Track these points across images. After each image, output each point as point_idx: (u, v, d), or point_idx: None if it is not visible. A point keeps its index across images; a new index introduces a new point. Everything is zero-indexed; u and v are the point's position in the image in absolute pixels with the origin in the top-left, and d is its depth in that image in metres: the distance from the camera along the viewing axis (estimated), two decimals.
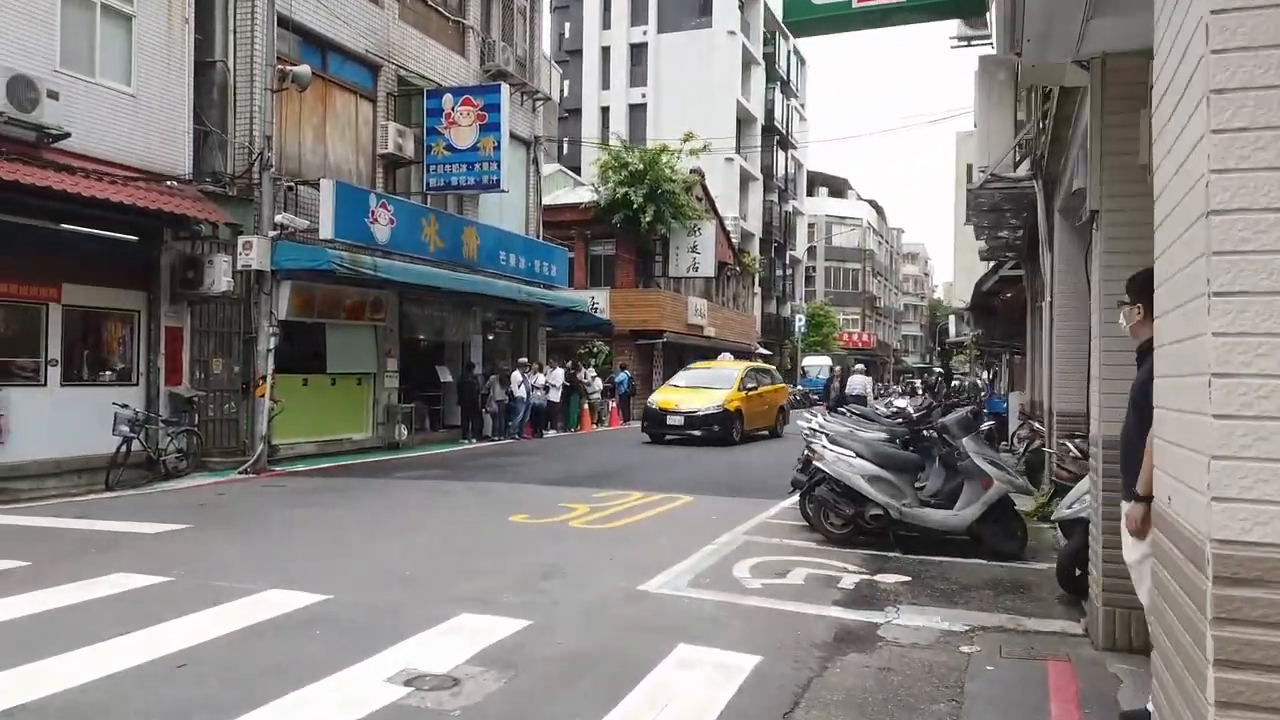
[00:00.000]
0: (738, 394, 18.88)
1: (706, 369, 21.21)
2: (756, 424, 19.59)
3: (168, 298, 13.06)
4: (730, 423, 18.23)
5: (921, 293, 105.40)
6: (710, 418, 18.02)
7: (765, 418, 20.23)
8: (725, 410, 18.18)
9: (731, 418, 18.27)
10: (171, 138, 13.03)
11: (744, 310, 43.66)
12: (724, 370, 20.39)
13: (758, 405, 19.66)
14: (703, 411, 18.09)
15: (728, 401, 18.39)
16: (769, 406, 20.52)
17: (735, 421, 18.38)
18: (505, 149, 17.00)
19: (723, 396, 18.51)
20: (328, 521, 8.70)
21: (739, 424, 18.51)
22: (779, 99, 53.98)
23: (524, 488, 11.45)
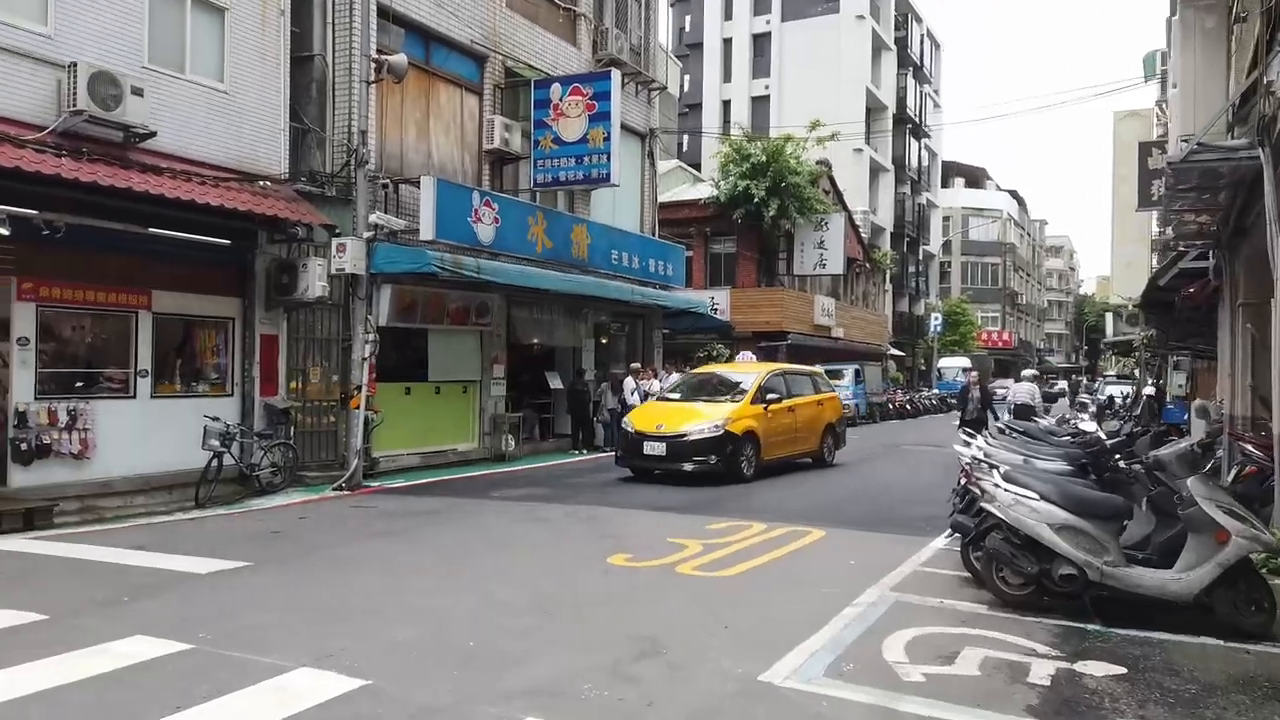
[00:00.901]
0: (750, 409, 13.52)
1: (716, 373, 16.11)
2: (786, 449, 14.39)
3: (263, 304, 12.44)
4: (736, 450, 12.96)
5: (1066, 288, 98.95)
6: (704, 444, 12.81)
7: (802, 440, 14.85)
8: (727, 434, 12.87)
9: (738, 443, 13.02)
10: (266, 136, 12.40)
11: (874, 309, 41.27)
12: (736, 376, 15.04)
13: (786, 424, 14.26)
14: (693, 435, 12.88)
15: (732, 420, 13.04)
16: (808, 425, 15.02)
17: (745, 448, 13.18)
18: (616, 140, 15.79)
19: (725, 413, 13.19)
20: (401, 561, 7.61)
21: (752, 451, 13.31)
22: (911, 85, 51.11)
23: (630, 515, 10.15)
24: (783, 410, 14.18)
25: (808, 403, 15.14)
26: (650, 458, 13.10)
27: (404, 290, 14.11)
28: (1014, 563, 6.22)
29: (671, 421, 13.31)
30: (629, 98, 20.46)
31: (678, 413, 13.63)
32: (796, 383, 15.33)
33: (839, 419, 16.23)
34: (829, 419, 15.79)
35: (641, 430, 13.32)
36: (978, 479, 6.67)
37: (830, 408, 15.90)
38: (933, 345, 45.59)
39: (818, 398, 15.59)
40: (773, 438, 13.80)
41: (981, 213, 66.05)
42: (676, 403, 14.24)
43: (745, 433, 13.21)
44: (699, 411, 13.49)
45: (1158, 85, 34.95)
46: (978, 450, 8.00)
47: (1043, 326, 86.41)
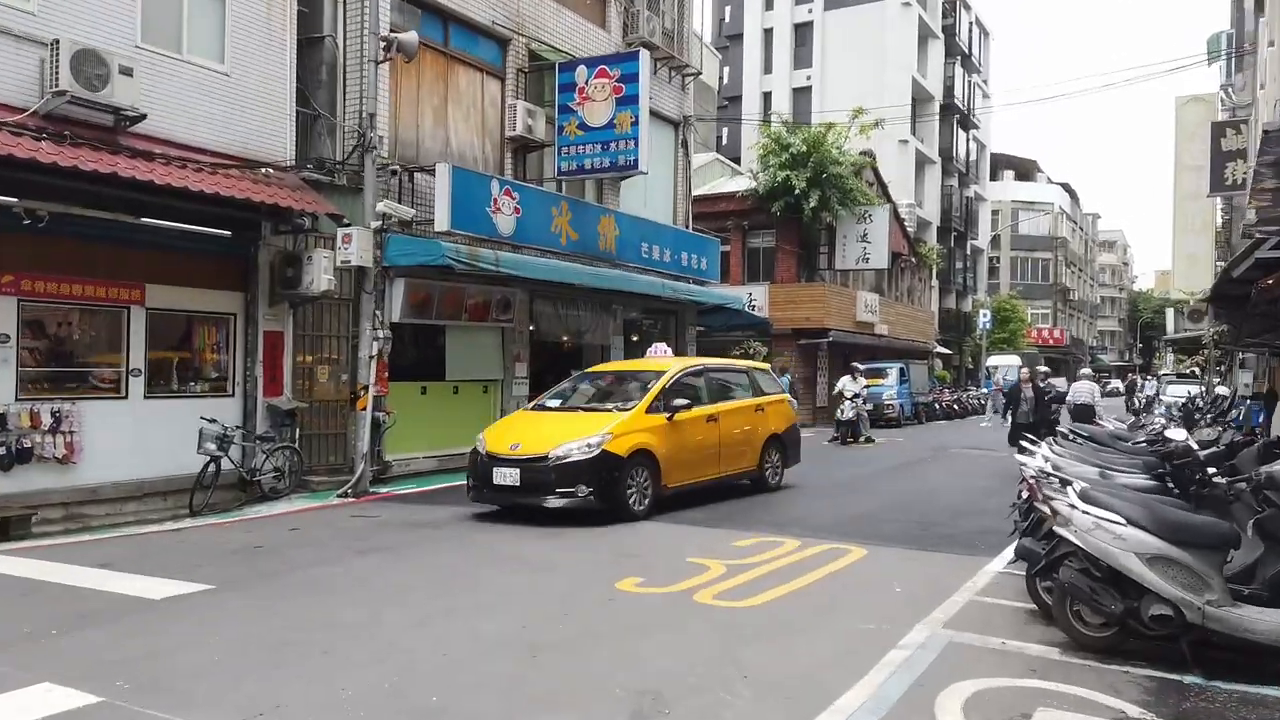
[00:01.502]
0: (644, 420, 10.03)
1: (614, 372, 12.45)
2: (705, 470, 10.88)
3: (266, 299, 11.74)
4: (618, 477, 9.47)
5: (1120, 284, 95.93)
6: (570, 470, 9.27)
7: (730, 458, 11.29)
8: (605, 455, 9.38)
9: (621, 467, 9.51)
10: (270, 121, 11.71)
11: (920, 305, 39.85)
12: (640, 375, 11.31)
13: (704, 438, 10.81)
14: (557, 458, 9.33)
15: (615, 435, 9.56)
16: (741, 438, 11.51)
17: (635, 473, 9.69)
18: (645, 125, 14.87)
19: (606, 426, 9.69)
20: (384, 585, 6.78)
21: (645, 477, 9.84)
22: (959, 75, 49.43)
23: (649, 529, 9.24)
24: (697, 420, 10.68)
25: (739, 409, 11.60)
26: (502, 490, 9.56)
27: (418, 284, 13.35)
28: (1094, 599, 5.20)
29: (532, 439, 9.75)
30: (661, 83, 19.54)
31: (546, 426, 10.13)
32: (724, 383, 11.92)
33: (789, 428, 12.61)
34: (773, 428, 12.16)
35: (493, 451, 9.73)
36: (1048, 497, 5.65)
37: (775, 414, 12.34)
38: (981, 343, 43.97)
39: (756, 402, 11.99)
40: (682, 456, 10.31)
41: (1032, 206, 63.94)
42: (553, 411, 10.73)
43: (635, 452, 9.66)
44: (573, 424, 9.95)
45: (1220, 70, 33.21)
46: (1043, 461, 6.97)
47: (1095, 323, 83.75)
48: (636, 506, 9.71)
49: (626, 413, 10.08)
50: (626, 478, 9.62)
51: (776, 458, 12.33)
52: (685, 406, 10.43)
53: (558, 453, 9.42)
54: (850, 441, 20.03)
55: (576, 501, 9.30)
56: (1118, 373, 70.16)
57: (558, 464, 9.38)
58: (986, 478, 13.85)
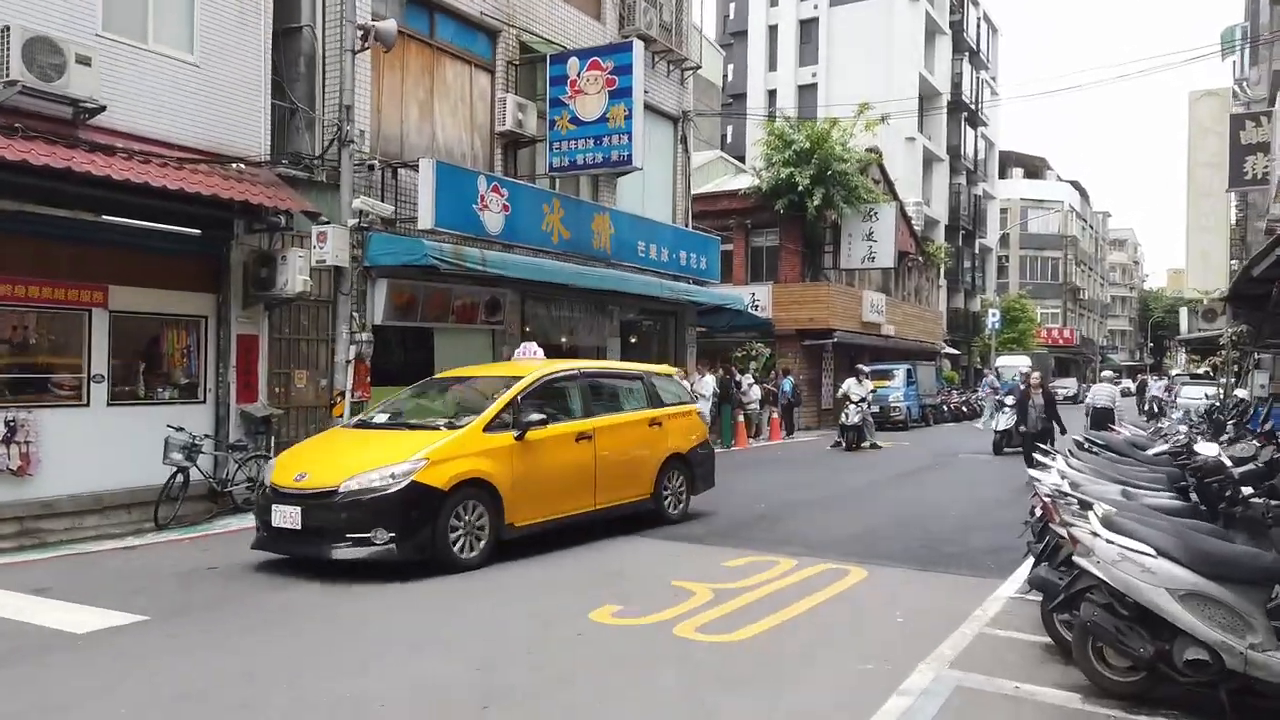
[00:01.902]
0: (481, 442, 7.82)
1: (462, 378, 9.87)
2: (575, 502, 8.66)
3: (240, 301, 11.20)
4: (435, 516, 7.28)
5: (1130, 283, 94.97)
6: (368, 509, 7.14)
7: (612, 485, 9.06)
8: (415, 487, 7.23)
9: (441, 504, 7.33)
10: (244, 114, 11.16)
11: (927, 305, 39.17)
12: (492, 383, 8.90)
13: (572, 461, 8.61)
14: (347, 492, 7.21)
15: (434, 462, 7.40)
16: (629, 461, 9.34)
17: (463, 511, 7.52)
18: (639, 119, 14.30)
19: (423, 450, 7.47)
20: (336, 615, 6.21)
21: (480, 515, 7.66)
22: (967, 71, 48.77)
23: (633, 545, 8.67)
24: (563, 439, 8.50)
25: (626, 425, 9.43)
26: (281, 534, 7.36)
27: (401, 285, 12.82)
28: (1120, 641, 4.61)
29: (325, 466, 7.54)
30: (659, 78, 18.98)
31: (352, 448, 7.94)
32: (607, 392, 9.72)
33: (697, 445, 10.36)
34: (674, 447, 9.93)
35: (276, 483, 7.57)
36: (1067, 523, 5.06)
37: (678, 429, 10.08)
38: (990, 343, 43.27)
39: (650, 415, 9.77)
40: (538, 485, 8.12)
41: (1041, 204, 63.16)
42: (377, 429, 8.42)
43: (463, 482, 7.47)
44: (386, 447, 7.67)
45: (1234, 65, 32.47)
46: (1058, 477, 6.37)
47: (1106, 323, 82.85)
48: (465, 553, 7.43)
49: (456, 432, 7.75)
50: (449, 516, 7.32)
51: (679, 482, 10.04)
52: (541, 422, 8.13)
53: (351, 485, 7.15)
54: (856, 447, 19.36)
55: (374, 551, 6.98)
56: (1128, 372, 69.29)
57: (348, 500, 7.08)
58: (996, 487, 13.25)
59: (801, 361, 26.72)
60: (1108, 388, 18.17)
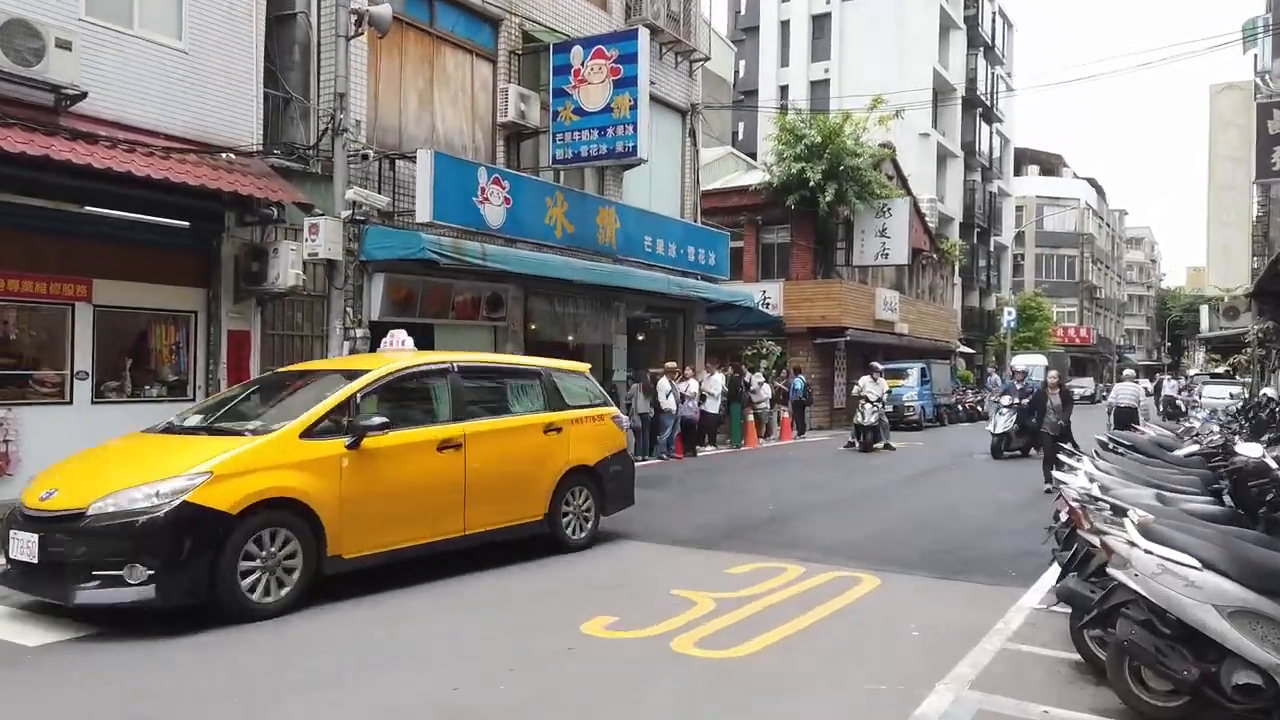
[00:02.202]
0: (294, 452, 6.22)
1: (313, 371, 8.15)
2: (440, 523, 7.11)
3: (230, 296, 10.85)
4: (212, 547, 5.65)
5: (1147, 281, 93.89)
6: (117, 537, 5.49)
7: (493, 503, 7.51)
8: (189, 510, 5.59)
9: (223, 530, 5.71)
10: (234, 103, 10.82)
11: (942, 303, 38.56)
12: (336, 376, 7.21)
13: (432, 477, 7.03)
14: (97, 515, 5.55)
15: (210, 479, 5.73)
16: (512, 475, 7.73)
17: (261, 540, 5.91)
18: (644, 109, 13.88)
19: (209, 462, 5.85)
20: (308, 626, 5.84)
21: (286, 545, 6.04)
22: (982, 67, 48.05)
23: (633, 550, 8.26)
24: (418, 448, 6.89)
25: (512, 431, 7.76)
26: (19, 569, 5.84)
27: (399, 279, 12.45)
28: (1161, 662, 4.17)
29: (83, 481, 5.95)
30: (667, 70, 18.58)
31: (126, 458, 6.33)
32: (486, 392, 7.99)
33: (610, 456, 8.67)
34: (578, 458, 8.25)
35: (24, 503, 6.02)
36: (1100, 531, 4.62)
37: (584, 437, 8.38)
38: (1005, 342, 42.62)
39: (546, 419, 8.06)
40: (379, 507, 6.57)
41: (1057, 202, 62.36)
42: (182, 434, 6.70)
43: (263, 504, 5.92)
44: (169, 456, 6.10)
45: (1256, 57, 31.76)
46: (1086, 480, 5.93)
47: (1122, 322, 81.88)
48: (263, 597, 5.83)
49: (260, 439, 6.17)
50: (239, 547, 5.71)
51: (585, 501, 8.32)
52: (383, 426, 6.47)
53: (105, 505, 5.53)
54: (871, 448, 18.70)
55: (127, 594, 5.39)
56: (1145, 372, 68.43)
57: (98, 526, 5.48)
58: (1015, 489, 12.77)
59: (813, 360, 26.23)
60: (1131, 386, 17.65)
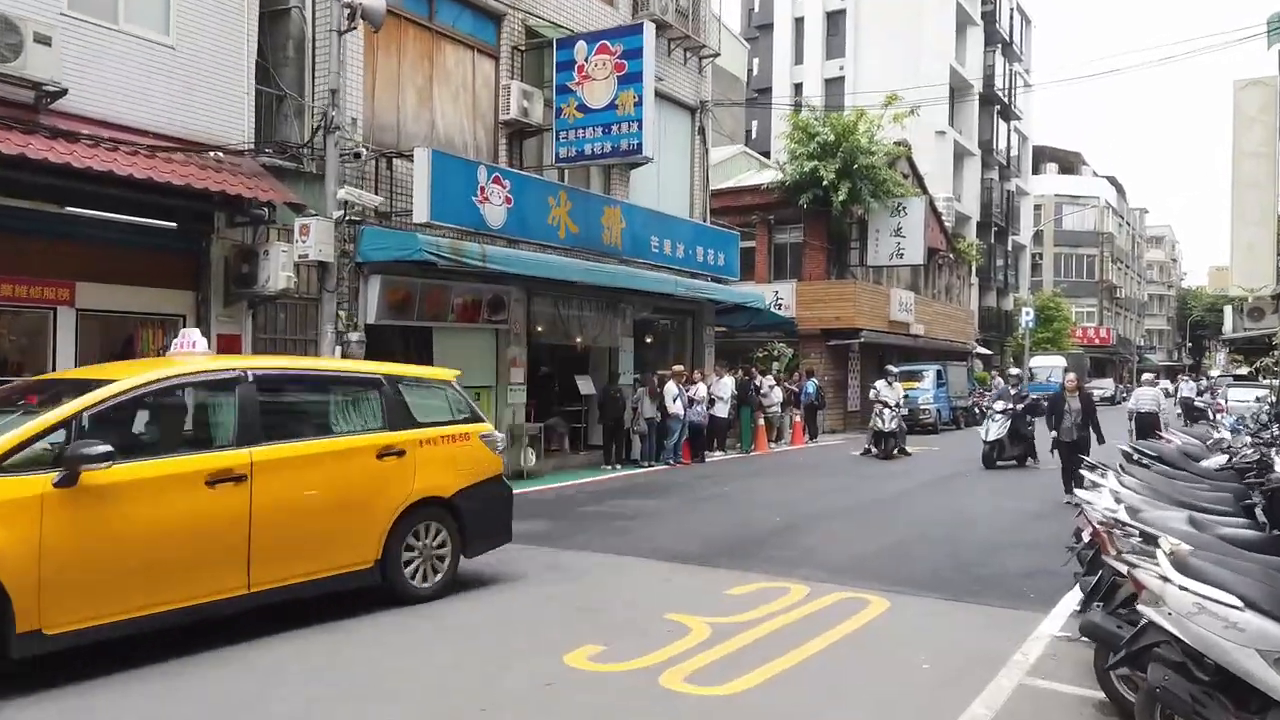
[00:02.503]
0: None
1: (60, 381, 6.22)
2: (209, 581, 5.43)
3: (221, 299, 10.54)
4: None
5: (1168, 281, 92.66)
6: None
7: (298, 550, 5.88)
8: None
9: None
10: (225, 100, 10.50)
11: (959, 304, 37.97)
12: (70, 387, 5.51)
13: (194, 520, 5.35)
14: None
15: None
16: (325, 512, 6.05)
17: None
18: (649, 105, 13.49)
19: None
20: (278, 654, 5.48)
21: None
22: (1000, 63, 47.36)
23: (628, 567, 7.85)
24: (173, 484, 5.36)
25: (327, 456, 6.19)
26: None
27: (396, 281, 12.11)
28: (1198, 712, 3.74)
29: None
30: (676, 66, 18.18)
31: None
32: (295, 408, 6.54)
33: (475, 483, 7.03)
34: (426, 487, 6.67)
35: None
36: (1130, 563, 4.19)
37: (436, 461, 6.78)
38: (1023, 343, 41.96)
39: (382, 440, 6.51)
40: (108, 564, 5.04)
41: (1076, 200, 61.55)
42: None
43: None
44: None
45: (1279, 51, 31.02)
46: (1111, 500, 5.50)
47: (1143, 322, 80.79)
48: None
49: None
50: None
51: (437, 539, 6.70)
52: (105, 457, 4.91)
53: None
54: (890, 455, 17.90)
55: None
56: (1166, 373, 67.43)
57: None
58: (1034, 498, 12.30)
59: (826, 362, 25.77)
60: (1151, 390, 17.10)
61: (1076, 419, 12.41)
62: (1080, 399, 12.68)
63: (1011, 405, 16.21)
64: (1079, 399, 12.66)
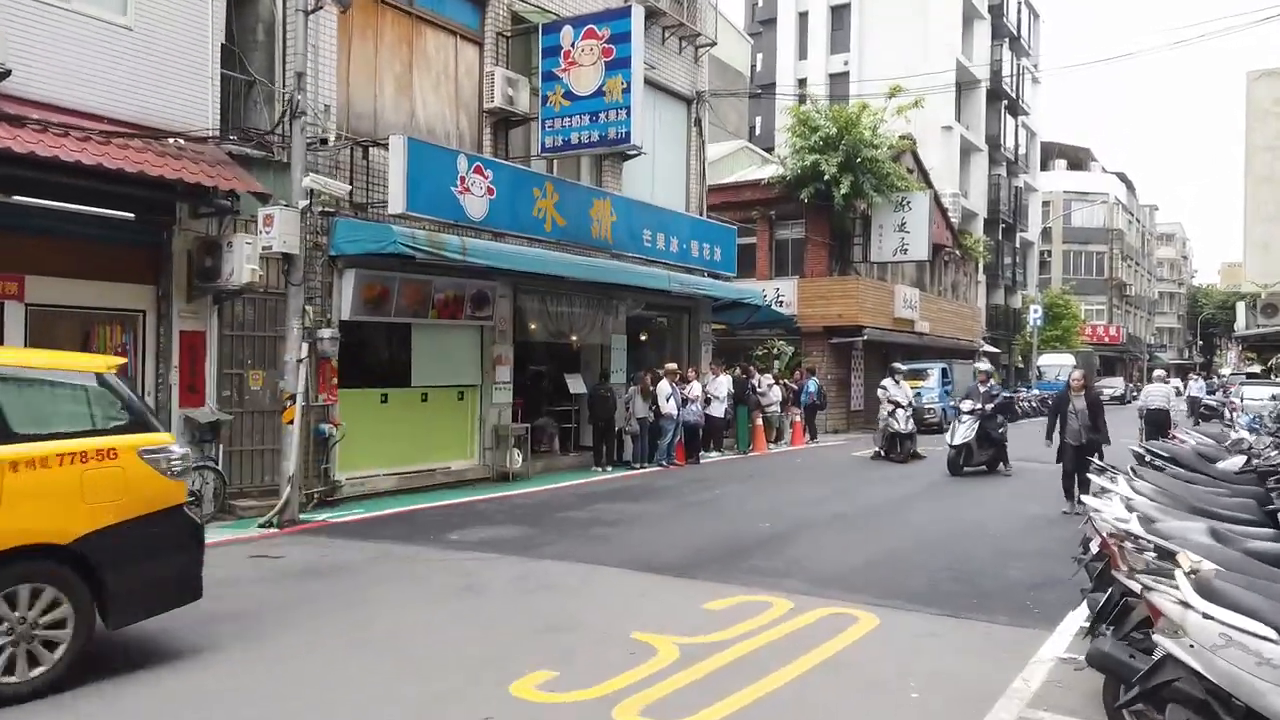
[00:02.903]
0: None
1: None
2: None
3: (184, 293, 10.05)
4: None
5: (1179, 279, 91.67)
6: None
7: None
8: None
9: None
10: (187, 85, 10.01)
11: (965, 301, 37.31)
12: None
13: None
14: None
15: None
16: None
17: None
18: (639, 92, 12.95)
19: None
20: (180, 690, 4.96)
21: None
22: (1007, 58, 46.60)
23: (601, 579, 7.30)
24: None
25: None
26: None
27: (372, 276, 11.60)
28: None
29: None
30: (670, 55, 17.65)
31: None
32: None
33: (124, 522, 4.92)
34: (21, 531, 4.56)
35: None
36: (1145, 585, 3.64)
37: (42, 492, 4.66)
38: (1032, 341, 41.27)
39: None
40: None
41: (1085, 197, 60.76)
42: None
43: None
44: None
45: None
46: (1122, 508, 4.95)
47: (1153, 320, 79.88)
48: None
49: None
50: None
51: (41, 610, 4.63)
52: None
53: None
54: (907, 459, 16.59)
55: None
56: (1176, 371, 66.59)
57: None
58: (1040, 501, 11.72)
59: (829, 360, 25.18)
60: (1161, 387, 16.49)
61: (1084, 419, 11.42)
62: (1086, 398, 11.68)
63: (980, 405, 14.72)
64: (1084, 398, 11.66)
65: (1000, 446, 15.07)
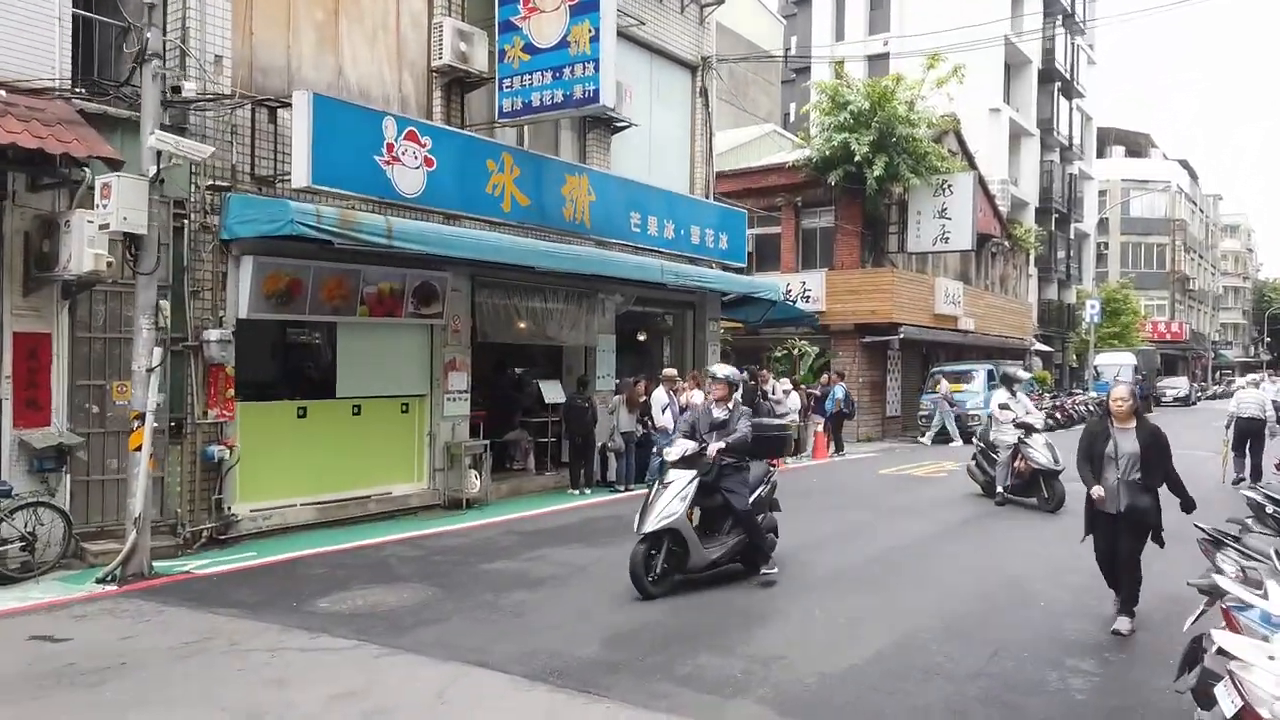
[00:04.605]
0: None
1: None
2: None
3: (19, 286, 8.07)
4: None
5: (1244, 272, 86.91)
6: None
7: None
8: None
9: None
10: (23, 27, 8.02)
11: (1015, 296, 34.41)
12: None
13: None
14: None
15: None
16: None
17: None
18: (610, 41, 10.68)
19: None
20: None
21: None
22: (1061, 36, 43.44)
23: (460, 694, 5.05)
24: None
25: None
26: None
27: (277, 264, 9.53)
28: None
29: None
30: (671, 15, 15.39)
31: None
32: None
33: None
34: None
35: None
36: None
37: None
38: (1088, 339, 38.17)
39: None
40: None
41: (1145, 185, 57.04)
42: None
43: None
44: None
45: None
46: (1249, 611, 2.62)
47: (1217, 316, 75.54)
48: None
49: None
50: None
51: None
52: None
53: None
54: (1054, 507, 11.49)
55: None
56: (1240, 370, 62.50)
57: None
58: None
59: (861, 361, 22.68)
60: (1255, 394, 13.82)
61: (1132, 469, 6.28)
62: (1141, 434, 6.34)
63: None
64: (1136, 435, 6.35)
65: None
